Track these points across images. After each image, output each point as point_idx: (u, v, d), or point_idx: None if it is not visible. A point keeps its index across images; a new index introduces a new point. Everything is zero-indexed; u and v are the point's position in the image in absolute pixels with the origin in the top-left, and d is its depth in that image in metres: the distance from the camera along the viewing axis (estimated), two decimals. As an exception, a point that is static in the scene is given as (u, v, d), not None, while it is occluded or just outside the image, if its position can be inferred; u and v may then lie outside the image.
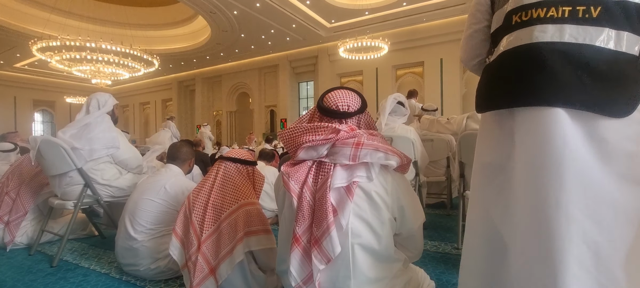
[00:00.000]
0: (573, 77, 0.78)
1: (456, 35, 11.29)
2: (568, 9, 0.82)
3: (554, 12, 0.83)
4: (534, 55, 0.83)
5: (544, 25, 0.83)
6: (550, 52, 0.81)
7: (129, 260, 1.87)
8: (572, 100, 0.78)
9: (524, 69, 0.84)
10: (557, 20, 0.82)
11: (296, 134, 1.12)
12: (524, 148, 0.84)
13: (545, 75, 0.80)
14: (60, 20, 10.95)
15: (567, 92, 0.78)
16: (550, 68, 0.80)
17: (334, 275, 1.08)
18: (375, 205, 1.06)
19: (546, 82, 0.80)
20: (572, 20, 0.81)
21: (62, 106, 18.85)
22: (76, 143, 2.20)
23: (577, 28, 0.80)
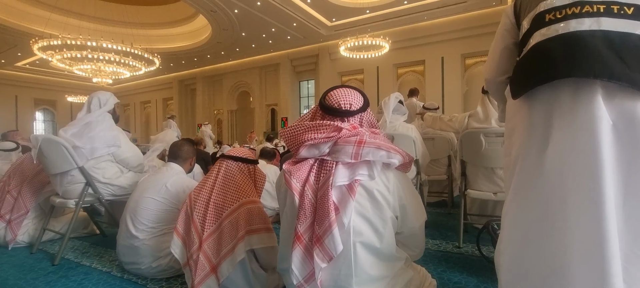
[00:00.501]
0: (615, 57, 0.77)
1: (457, 33, 11.26)
2: (603, 6, 0.82)
3: (589, 8, 0.84)
4: (574, 40, 0.82)
5: (581, 19, 0.83)
6: (591, 37, 0.81)
7: (130, 259, 1.87)
8: (616, 74, 0.76)
9: (566, 49, 0.83)
10: (593, 14, 0.83)
11: (298, 132, 1.11)
12: (564, 134, 0.82)
13: (588, 53, 0.79)
14: (61, 19, 10.96)
15: (611, 67, 0.76)
16: (592, 47, 0.79)
17: (336, 273, 1.08)
18: (377, 204, 1.06)
19: (590, 57, 0.79)
20: (607, 14, 0.82)
21: (63, 105, 18.88)
22: (77, 141, 2.20)
23: (614, 20, 0.81)
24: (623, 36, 0.79)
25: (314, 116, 1.17)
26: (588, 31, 0.82)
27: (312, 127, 1.10)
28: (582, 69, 0.79)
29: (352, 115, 1.13)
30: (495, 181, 2.19)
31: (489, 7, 10.57)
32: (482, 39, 11.12)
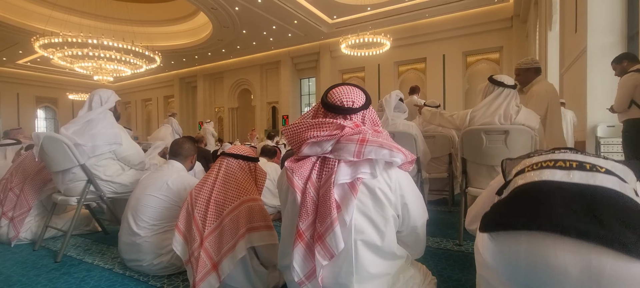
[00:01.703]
0: (585, 211, 0.78)
1: (459, 31, 11.23)
2: (575, 162, 0.90)
3: (562, 164, 0.91)
4: (544, 189, 0.87)
5: (553, 170, 0.90)
6: (558, 189, 0.84)
7: (132, 256, 1.88)
8: (584, 231, 0.75)
9: (535, 200, 0.86)
10: (565, 168, 0.90)
11: (300, 130, 1.11)
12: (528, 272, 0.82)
13: (556, 205, 0.81)
14: (62, 16, 10.96)
15: (579, 223, 0.76)
16: (560, 199, 0.81)
17: (337, 271, 1.08)
18: (379, 202, 1.06)
19: (556, 212, 0.79)
20: (580, 169, 0.88)
21: (65, 103, 18.92)
22: (79, 139, 2.21)
23: (586, 174, 0.86)
24: (593, 189, 0.81)
25: (315, 114, 1.17)
26: (556, 182, 0.86)
27: (314, 125, 1.09)
28: (550, 223, 0.79)
29: (355, 113, 1.13)
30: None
31: (490, 5, 10.52)
32: (483, 37, 11.09)
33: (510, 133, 2.05)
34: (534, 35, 8.76)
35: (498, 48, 11.09)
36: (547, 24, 7.12)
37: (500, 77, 2.20)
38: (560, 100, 5.49)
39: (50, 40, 9.20)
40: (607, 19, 4.47)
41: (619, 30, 4.44)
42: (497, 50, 11.14)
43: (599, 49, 4.48)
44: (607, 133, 4.47)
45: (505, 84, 2.14)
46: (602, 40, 4.48)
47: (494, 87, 2.18)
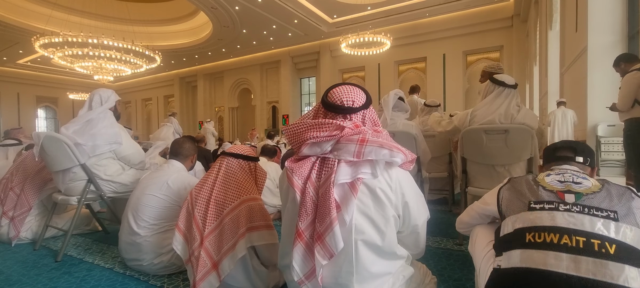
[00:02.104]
0: None
1: (459, 30, 11.22)
2: (582, 239, 0.81)
3: (567, 240, 0.82)
4: (549, 285, 0.81)
5: (559, 253, 0.82)
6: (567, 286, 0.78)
7: (132, 255, 1.89)
8: None
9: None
10: (572, 250, 0.81)
11: (300, 130, 1.11)
12: None
13: None
14: (62, 16, 10.97)
15: None
16: None
17: (337, 271, 1.08)
18: (380, 202, 1.06)
19: None
20: (588, 253, 0.79)
21: (65, 102, 18.93)
22: (79, 139, 2.21)
23: (594, 262, 0.78)
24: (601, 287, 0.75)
25: (316, 114, 1.16)
26: (563, 276, 0.79)
27: (314, 126, 1.09)
28: None
29: (355, 113, 1.12)
30: (497, 178, 2.19)
31: (490, 4, 10.51)
32: (484, 36, 11.08)
33: (510, 132, 2.05)
34: (534, 34, 8.75)
35: (498, 47, 11.08)
36: (547, 23, 7.11)
37: (500, 77, 2.20)
38: (561, 99, 5.50)
39: (51, 40, 9.20)
40: (608, 18, 4.47)
41: (620, 30, 4.44)
42: (498, 49, 11.13)
43: (600, 48, 4.47)
44: (607, 132, 4.47)
45: (506, 83, 2.14)
46: (602, 39, 4.47)
47: (494, 86, 2.18)
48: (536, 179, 1.04)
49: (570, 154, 1.16)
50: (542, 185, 1.00)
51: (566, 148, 1.18)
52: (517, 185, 1.07)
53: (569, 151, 1.17)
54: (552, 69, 6.98)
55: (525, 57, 10.23)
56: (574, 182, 0.98)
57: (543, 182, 1.02)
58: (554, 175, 1.04)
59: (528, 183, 1.04)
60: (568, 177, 1.01)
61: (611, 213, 0.86)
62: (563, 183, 0.99)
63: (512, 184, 1.10)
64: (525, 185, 1.04)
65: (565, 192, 0.95)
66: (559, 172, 1.05)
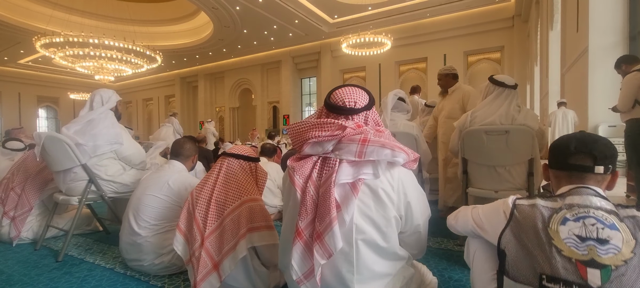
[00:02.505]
0: None
1: (460, 30, 11.21)
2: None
3: None
4: None
5: None
6: None
7: (133, 256, 1.89)
8: None
9: None
10: None
11: (303, 129, 1.12)
12: None
13: None
14: (63, 16, 10.99)
15: None
16: None
17: (338, 270, 1.09)
18: (381, 203, 1.06)
19: None
20: None
21: (66, 102, 18.96)
22: (80, 139, 2.21)
23: None
24: None
25: (319, 115, 1.17)
26: None
27: (316, 125, 1.10)
28: None
29: (356, 113, 1.13)
30: (497, 179, 2.19)
31: (491, 4, 10.51)
32: (484, 36, 11.07)
33: (510, 133, 2.05)
34: (535, 34, 8.74)
35: (499, 47, 11.07)
36: (548, 24, 7.10)
37: (500, 77, 2.19)
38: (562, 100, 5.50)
39: (52, 40, 9.22)
40: (609, 19, 4.46)
41: (621, 30, 4.43)
42: (498, 49, 11.12)
43: (601, 48, 4.47)
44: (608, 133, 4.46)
45: (506, 84, 2.14)
46: (603, 40, 4.47)
47: (494, 87, 2.18)
48: (548, 227, 0.83)
49: (589, 162, 0.90)
50: (557, 245, 0.79)
51: (584, 154, 0.91)
52: (524, 234, 0.86)
53: (587, 158, 0.90)
54: (553, 70, 6.97)
55: (526, 57, 10.22)
56: (599, 238, 0.77)
57: (557, 238, 0.80)
58: (571, 221, 0.81)
59: (537, 236, 0.83)
60: (591, 226, 0.79)
61: None
62: (585, 244, 0.77)
63: (518, 229, 0.88)
64: (534, 239, 0.83)
65: (588, 264, 0.75)
66: (578, 216, 0.81)
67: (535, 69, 8.92)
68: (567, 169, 0.94)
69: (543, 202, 0.89)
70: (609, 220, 0.79)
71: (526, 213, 0.88)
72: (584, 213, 0.82)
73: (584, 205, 0.84)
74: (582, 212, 0.82)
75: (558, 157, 0.96)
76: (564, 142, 0.96)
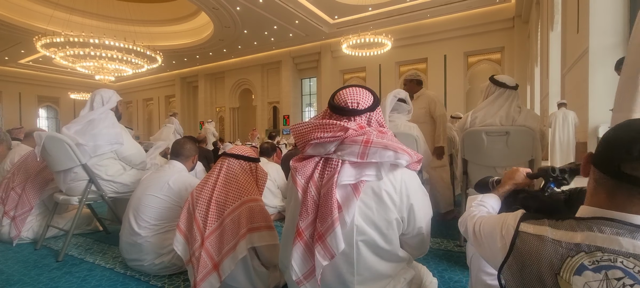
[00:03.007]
0: None
1: (460, 31, 11.21)
2: None
3: None
4: None
5: None
6: None
7: (133, 256, 1.89)
8: None
9: None
10: None
11: (307, 130, 1.12)
12: None
13: None
14: (64, 16, 10.99)
15: None
16: None
17: (338, 271, 1.08)
18: (383, 204, 1.06)
19: None
20: None
21: (66, 102, 18.97)
22: (80, 139, 2.22)
23: None
24: None
25: (323, 116, 1.17)
26: None
27: (319, 126, 1.10)
28: None
29: (359, 115, 1.12)
30: (497, 180, 2.18)
31: (492, 5, 10.51)
32: (485, 37, 11.07)
33: (511, 134, 2.05)
34: (535, 35, 8.74)
35: (499, 48, 11.07)
36: (548, 24, 7.10)
37: (501, 78, 2.19)
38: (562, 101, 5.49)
39: (52, 40, 9.23)
40: (610, 20, 4.46)
41: (621, 31, 4.43)
42: (499, 50, 11.12)
43: (601, 49, 4.47)
44: (608, 134, 4.45)
45: (507, 85, 2.14)
46: (604, 41, 4.46)
47: (495, 87, 2.18)
48: (558, 275, 0.63)
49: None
50: None
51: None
52: (527, 276, 0.68)
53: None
54: (553, 70, 6.96)
55: (527, 58, 10.22)
56: None
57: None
58: (590, 271, 0.60)
59: (543, 284, 0.65)
60: (615, 280, 0.58)
61: None
62: None
63: (520, 268, 0.70)
64: (539, 284, 0.66)
65: None
66: (600, 266, 0.60)
67: (536, 70, 8.92)
68: (615, 177, 0.64)
69: (553, 234, 0.67)
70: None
71: (531, 247, 0.69)
72: (607, 263, 0.60)
73: (610, 251, 0.60)
74: (605, 260, 0.60)
75: (611, 157, 0.65)
76: (624, 139, 0.63)
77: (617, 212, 0.63)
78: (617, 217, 0.63)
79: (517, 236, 0.72)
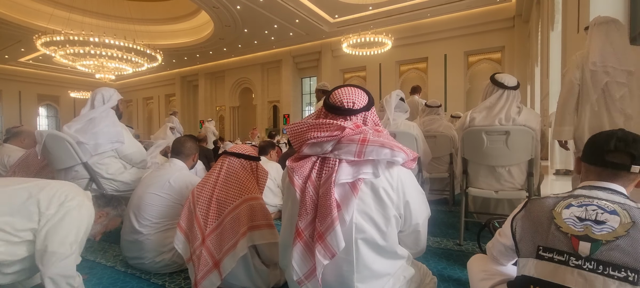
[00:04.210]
0: None
1: (460, 30, 11.20)
2: None
3: None
4: None
5: None
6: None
7: (134, 254, 1.90)
8: None
9: None
10: None
11: (302, 130, 1.12)
12: None
13: None
14: (64, 14, 10.99)
15: None
16: None
17: (338, 270, 1.09)
18: (381, 202, 1.07)
19: None
20: None
21: (67, 101, 18.97)
22: (81, 137, 2.22)
23: None
24: None
25: (318, 115, 1.18)
26: None
27: (315, 126, 1.10)
28: None
29: (355, 114, 1.13)
30: (497, 179, 2.19)
31: (492, 4, 10.50)
32: (485, 36, 11.06)
33: (511, 133, 2.05)
34: (536, 35, 8.74)
35: (500, 48, 11.06)
36: (549, 24, 7.10)
37: (502, 77, 2.19)
38: (562, 100, 5.49)
39: (52, 38, 9.22)
40: (610, 20, 4.45)
41: (622, 31, 4.42)
42: (499, 50, 11.11)
43: (601, 49, 4.46)
44: (608, 133, 4.45)
45: (506, 85, 2.14)
46: (604, 40, 4.46)
47: (494, 87, 2.18)
48: (554, 210, 0.89)
49: (626, 161, 0.91)
50: (557, 223, 0.86)
51: (623, 152, 0.92)
52: (533, 213, 0.94)
53: (625, 156, 0.92)
54: (553, 70, 6.96)
55: (527, 57, 10.21)
56: (596, 220, 0.83)
57: (559, 218, 0.87)
58: (575, 207, 0.88)
59: (543, 214, 0.91)
60: (591, 211, 0.85)
61: (631, 275, 0.74)
62: (582, 223, 0.83)
63: (528, 211, 0.96)
64: (539, 219, 0.91)
65: (581, 238, 0.82)
66: (583, 204, 0.88)
67: (536, 70, 8.92)
68: (601, 165, 0.95)
69: (554, 195, 0.95)
70: (610, 208, 0.84)
71: (537, 202, 0.96)
72: (588, 202, 0.88)
73: (591, 197, 0.90)
74: (586, 201, 0.88)
75: (595, 153, 0.97)
76: (603, 138, 0.97)
77: (602, 182, 0.95)
78: (599, 185, 0.94)
79: (527, 201, 0.99)
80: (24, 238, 1.23)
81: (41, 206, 1.25)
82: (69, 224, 1.27)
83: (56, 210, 1.26)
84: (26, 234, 1.23)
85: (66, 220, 1.27)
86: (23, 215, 1.23)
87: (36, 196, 1.26)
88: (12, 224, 1.21)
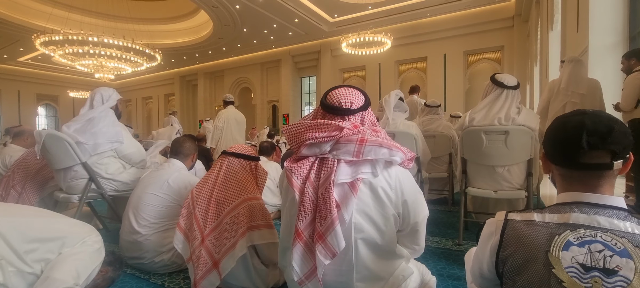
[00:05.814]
0: None
1: (460, 30, 11.21)
2: None
3: None
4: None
5: None
6: None
7: (133, 254, 1.89)
8: None
9: None
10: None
11: (300, 131, 1.12)
12: None
13: None
14: (63, 14, 10.96)
15: None
16: None
17: (337, 270, 1.09)
18: (380, 201, 1.07)
19: None
20: None
21: (66, 100, 18.94)
22: (80, 137, 2.22)
23: None
24: None
25: (315, 115, 1.18)
26: None
27: (313, 126, 1.10)
28: None
29: (353, 114, 1.13)
30: (496, 179, 2.19)
31: (491, 4, 10.51)
32: (484, 36, 11.07)
33: (510, 133, 2.05)
34: (535, 34, 8.75)
35: (499, 47, 11.07)
36: (548, 24, 7.10)
37: (502, 77, 2.19)
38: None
39: (51, 38, 9.20)
40: (609, 19, 4.46)
41: (621, 30, 4.43)
42: (499, 49, 11.12)
43: (601, 48, 4.47)
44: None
45: (505, 85, 2.14)
46: (604, 40, 4.47)
47: (494, 87, 2.18)
48: (548, 252, 0.70)
49: (606, 159, 0.74)
50: (558, 274, 0.68)
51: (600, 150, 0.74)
52: (520, 258, 0.74)
53: (605, 154, 0.74)
54: (553, 70, 6.97)
55: (526, 57, 10.22)
56: (605, 268, 0.66)
57: (558, 267, 0.68)
58: (575, 246, 0.69)
59: (536, 261, 0.71)
60: (597, 254, 0.67)
61: None
62: (589, 276, 0.66)
63: (512, 252, 0.75)
64: (532, 265, 0.71)
65: None
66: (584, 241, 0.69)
67: (535, 69, 8.92)
68: (580, 169, 0.76)
69: (541, 218, 0.75)
70: (619, 246, 0.67)
71: (522, 232, 0.75)
72: (590, 238, 0.69)
73: (591, 227, 0.70)
74: (588, 236, 0.69)
75: (566, 154, 0.77)
76: (571, 135, 0.75)
77: (593, 193, 0.76)
78: (594, 200, 0.75)
79: (506, 224, 0.79)
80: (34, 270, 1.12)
81: (67, 243, 1.21)
82: (82, 260, 1.22)
83: (78, 248, 1.23)
84: (37, 266, 1.14)
85: (79, 256, 1.21)
86: (48, 247, 1.16)
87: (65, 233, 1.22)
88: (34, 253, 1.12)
